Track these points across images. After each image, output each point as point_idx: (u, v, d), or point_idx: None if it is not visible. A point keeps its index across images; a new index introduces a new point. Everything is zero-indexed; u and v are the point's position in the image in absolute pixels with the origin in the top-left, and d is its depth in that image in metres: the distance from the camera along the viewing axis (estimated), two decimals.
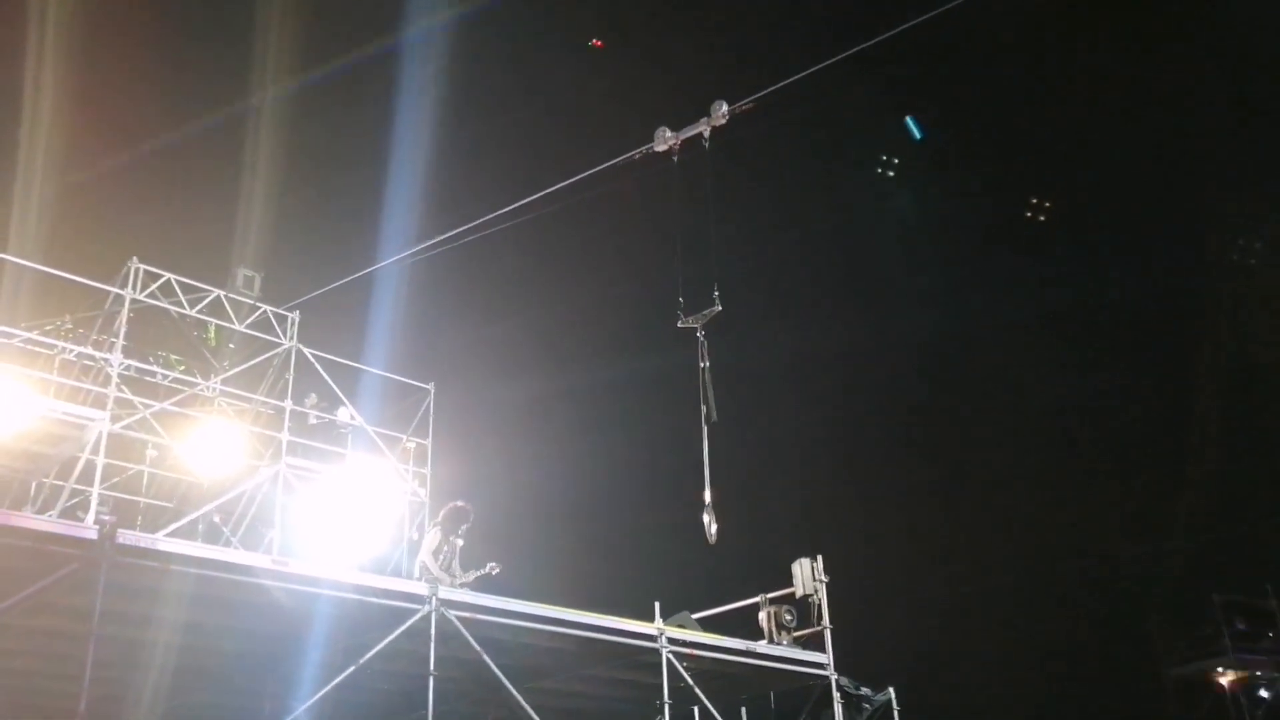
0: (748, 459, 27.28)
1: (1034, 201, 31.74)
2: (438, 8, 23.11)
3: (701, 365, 13.62)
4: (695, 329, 13.79)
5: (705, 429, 13.30)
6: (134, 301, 15.42)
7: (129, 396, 15.15)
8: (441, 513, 13.79)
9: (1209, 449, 29.17)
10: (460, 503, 13.79)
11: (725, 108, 14.22)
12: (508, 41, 27.45)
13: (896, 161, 31.52)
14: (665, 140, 14.56)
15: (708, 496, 13.13)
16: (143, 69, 24.05)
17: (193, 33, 25.42)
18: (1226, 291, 29.94)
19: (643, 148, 14.66)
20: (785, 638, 14.50)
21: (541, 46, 28.38)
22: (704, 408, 13.35)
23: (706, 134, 14.25)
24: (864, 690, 15.11)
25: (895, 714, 15.32)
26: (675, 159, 14.47)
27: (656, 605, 12.77)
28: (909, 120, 30.16)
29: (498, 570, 13.45)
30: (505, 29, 26.81)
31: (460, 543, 13.55)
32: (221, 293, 16.79)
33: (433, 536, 13.60)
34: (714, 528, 13.08)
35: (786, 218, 31.25)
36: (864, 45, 13.98)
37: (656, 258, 19.47)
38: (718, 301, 13.80)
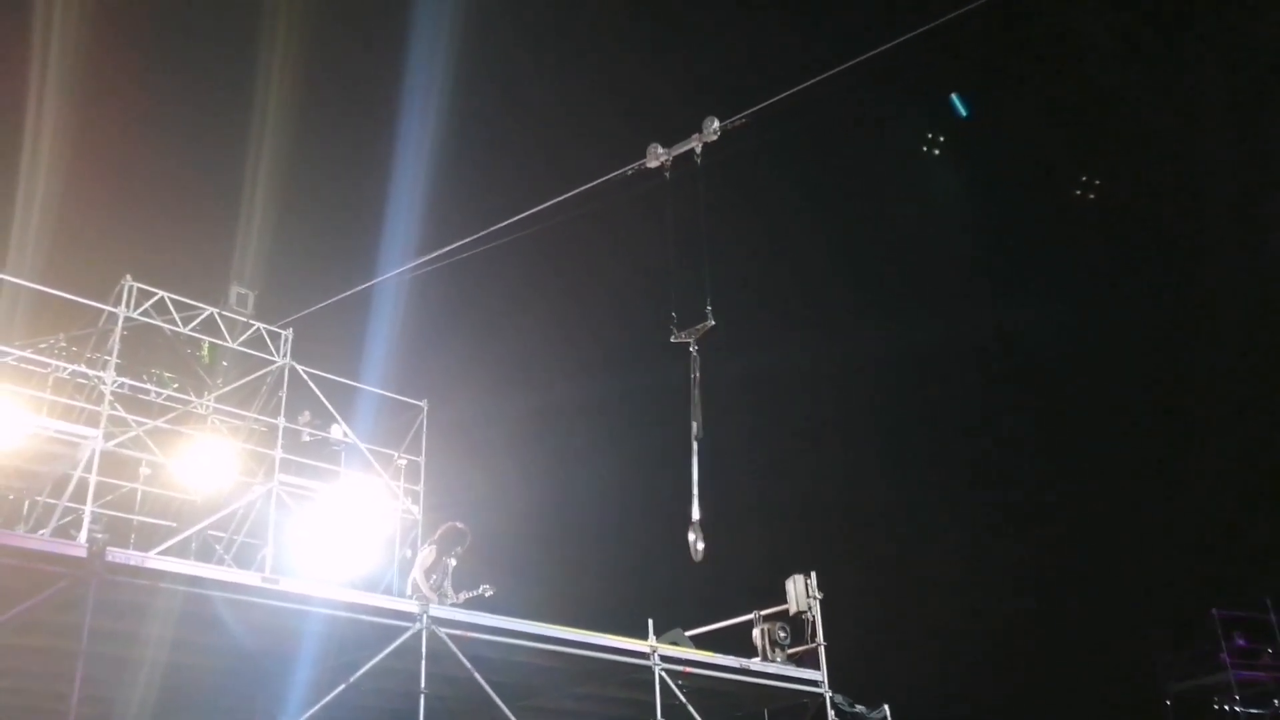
0: (742, 474, 27.26)
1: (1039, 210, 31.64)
2: (433, 28, 23.20)
3: (693, 378, 13.59)
4: (688, 344, 13.80)
5: (695, 445, 13.22)
6: (128, 319, 15.41)
7: (122, 414, 15.12)
8: (438, 531, 13.63)
9: (1208, 462, 29.06)
10: (459, 524, 13.58)
11: (717, 124, 14.30)
12: (501, 60, 27.54)
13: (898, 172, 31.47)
14: (657, 156, 14.63)
15: (695, 514, 12.98)
16: (139, 88, 24.13)
17: (189, 51, 25.51)
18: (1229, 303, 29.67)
19: (635, 164, 14.73)
20: (779, 655, 14.45)
21: (534, 64, 28.50)
22: (693, 424, 13.29)
23: (698, 150, 14.32)
24: (859, 708, 15.03)
25: None
26: (667, 175, 14.54)
27: (650, 623, 12.73)
28: (954, 98, 28.16)
29: (491, 593, 13.27)
30: (498, 47, 26.92)
31: (453, 563, 13.41)
32: (215, 310, 16.77)
33: (426, 554, 13.48)
34: (700, 545, 12.90)
35: (780, 232, 31.28)
36: (842, 66, 14.07)
37: (650, 273, 19.51)
38: (710, 316, 13.81)
